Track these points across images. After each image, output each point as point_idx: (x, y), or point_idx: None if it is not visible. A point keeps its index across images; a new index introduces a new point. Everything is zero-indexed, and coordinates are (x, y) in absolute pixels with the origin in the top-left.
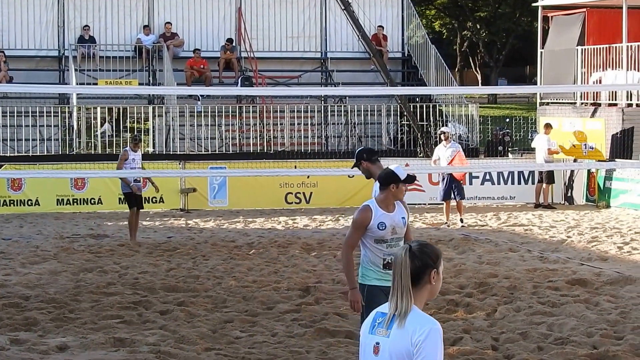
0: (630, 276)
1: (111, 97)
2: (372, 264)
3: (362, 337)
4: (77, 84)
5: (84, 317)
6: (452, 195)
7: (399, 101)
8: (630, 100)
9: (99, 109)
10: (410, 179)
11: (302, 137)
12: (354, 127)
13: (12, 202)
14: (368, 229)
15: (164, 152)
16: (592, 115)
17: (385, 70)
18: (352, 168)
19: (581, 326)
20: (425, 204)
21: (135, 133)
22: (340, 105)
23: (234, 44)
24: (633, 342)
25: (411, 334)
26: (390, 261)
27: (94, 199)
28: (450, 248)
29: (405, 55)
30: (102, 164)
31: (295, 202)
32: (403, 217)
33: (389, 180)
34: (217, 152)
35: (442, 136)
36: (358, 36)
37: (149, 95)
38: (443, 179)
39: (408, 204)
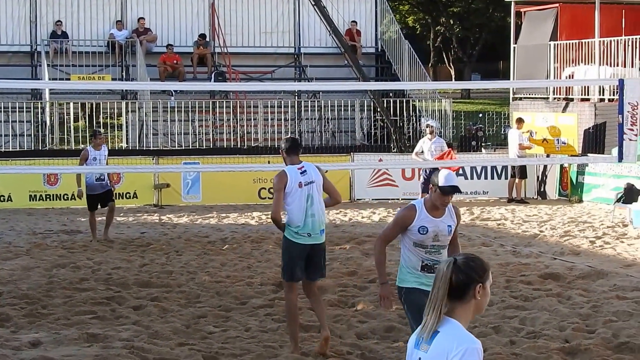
0: (602, 270)
1: (84, 92)
2: (410, 266)
3: (408, 350)
4: (49, 80)
5: (56, 312)
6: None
7: (372, 96)
8: (603, 95)
9: (71, 104)
10: (448, 189)
11: (276, 132)
12: (328, 123)
13: None
14: (408, 229)
15: (137, 148)
16: (564, 110)
17: (358, 65)
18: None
19: (553, 320)
20: (398, 199)
21: (95, 129)
22: (314, 101)
23: (207, 39)
24: (605, 335)
25: (447, 351)
26: (429, 264)
27: (67, 194)
28: None
29: (379, 50)
30: (75, 160)
31: (269, 198)
32: (449, 225)
33: (432, 179)
34: (190, 147)
35: (427, 129)
36: (329, 31)
37: (122, 90)
38: (424, 173)
39: (381, 199)
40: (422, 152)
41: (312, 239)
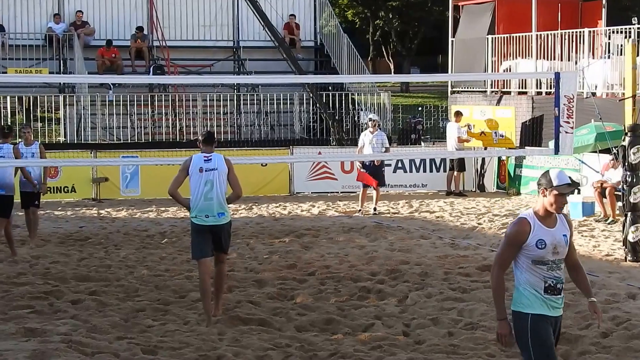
0: None
1: (21, 86)
2: (531, 286)
3: None
4: None
5: None
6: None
7: (308, 90)
8: (540, 88)
9: (8, 98)
10: (566, 188)
11: (215, 126)
12: (267, 116)
13: None
14: (524, 247)
15: (76, 142)
16: (498, 103)
17: (293, 59)
18: None
19: (491, 311)
20: (337, 192)
21: (2, 124)
22: (253, 94)
23: (145, 32)
24: None
25: None
26: (552, 284)
27: None
28: (362, 236)
29: (318, 44)
30: None
31: None
32: (565, 235)
33: (540, 182)
34: (129, 141)
35: (370, 123)
36: (262, 25)
37: (60, 84)
38: (365, 166)
39: (321, 192)
40: (364, 145)
41: (210, 220)
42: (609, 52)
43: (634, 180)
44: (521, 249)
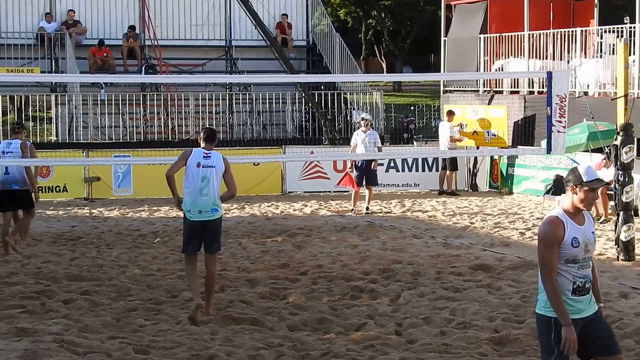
0: (531, 261)
1: (13, 85)
2: (562, 291)
3: None
4: None
5: None
6: (364, 183)
7: (300, 89)
8: (532, 87)
9: (0, 97)
10: (596, 183)
11: (207, 125)
12: (259, 115)
13: None
14: (560, 246)
15: (67, 141)
16: (489, 102)
17: (285, 58)
18: None
19: (483, 310)
20: (330, 192)
21: (15, 122)
22: (245, 94)
23: (137, 32)
24: (534, 325)
25: None
26: (581, 285)
27: None
28: (355, 235)
29: (310, 43)
30: None
31: None
32: (593, 232)
33: (568, 179)
34: (121, 140)
35: (362, 122)
36: (254, 24)
37: (52, 83)
38: (357, 166)
39: (313, 192)
40: (357, 145)
41: (202, 215)
42: (601, 51)
43: (626, 179)
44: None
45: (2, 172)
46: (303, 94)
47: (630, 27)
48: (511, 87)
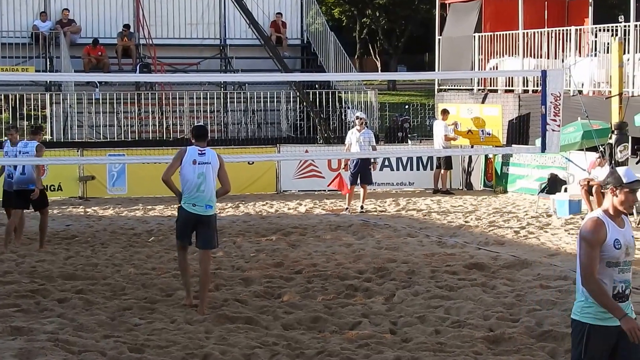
0: (526, 260)
1: (7, 84)
2: None
3: None
4: None
5: None
6: (358, 182)
7: (294, 87)
8: (526, 86)
9: None
10: (638, 183)
11: (202, 124)
12: (254, 114)
13: None
14: (602, 248)
15: (62, 140)
16: (483, 101)
17: (279, 57)
18: None
19: (478, 309)
20: (324, 191)
21: (11, 124)
22: (240, 92)
23: (131, 31)
24: (528, 324)
25: None
26: (621, 290)
27: None
28: (349, 234)
29: (305, 42)
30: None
31: None
32: (632, 236)
33: (608, 182)
34: (115, 139)
35: (357, 121)
36: (247, 23)
37: (46, 82)
38: (352, 164)
39: (307, 191)
40: (351, 144)
41: (196, 209)
42: (595, 50)
43: None
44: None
45: (18, 172)
46: (298, 93)
47: (625, 26)
48: (506, 86)
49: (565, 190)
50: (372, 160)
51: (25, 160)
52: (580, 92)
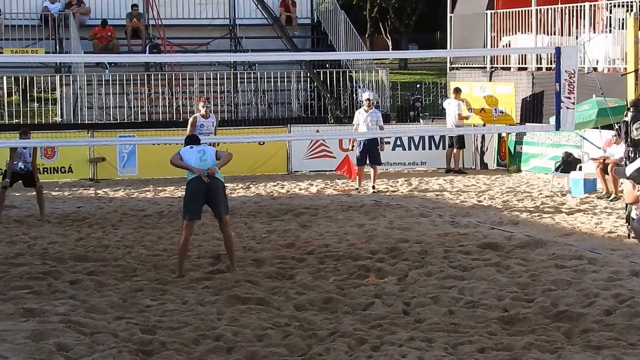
0: (540, 239)
1: (17, 66)
2: None
3: None
4: None
5: None
6: (367, 161)
7: (304, 67)
8: (540, 64)
9: (4, 78)
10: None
11: (212, 104)
12: (264, 94)
13: None
14: None
15: (72, 122)
16: (490, 79)
17: (287, 36)
18: None
19: (492, 289)
20: (335, 171)
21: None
22: (250, 72)
23: (140, 11)
24: (543, 304)
25: None
26: None
27: (1, 169)
28: (361, 214)
29: (315, 21)
30: (8, 134)
31: None
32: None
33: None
34: (125, 120)
35: (365, 102)
36: (256, 4)
37: (56, 64)
38: (360, 145)
39: (318, 171)
40: (359, 124)
41: (203, 164)
42: (610, 26)
43: (636, 155)
44: None
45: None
46: (308, 73)
47: None
48: (519, 64)
49: (580, 168)
50: (380, 141)
51: (36, 142)
52: (595, 69)
